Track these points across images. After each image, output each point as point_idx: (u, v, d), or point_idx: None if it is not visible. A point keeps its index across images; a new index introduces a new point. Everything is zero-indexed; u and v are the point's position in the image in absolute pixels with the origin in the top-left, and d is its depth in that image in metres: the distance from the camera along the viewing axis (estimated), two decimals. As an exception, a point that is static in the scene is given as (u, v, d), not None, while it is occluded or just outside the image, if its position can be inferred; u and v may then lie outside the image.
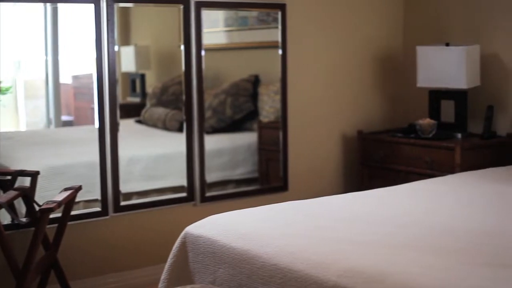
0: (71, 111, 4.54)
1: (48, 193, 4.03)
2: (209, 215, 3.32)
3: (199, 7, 4.54)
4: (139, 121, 4.79)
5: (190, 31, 4.53)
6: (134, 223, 4.45)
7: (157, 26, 4.81)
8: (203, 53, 4.57)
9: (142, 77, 4.76)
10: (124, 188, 4.38)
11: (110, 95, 4.26)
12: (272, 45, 4.94)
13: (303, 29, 5.04)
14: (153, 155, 4.64)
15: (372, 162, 5.11)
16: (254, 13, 4.93)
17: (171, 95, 4.74)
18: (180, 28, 4.53)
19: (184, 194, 4.62)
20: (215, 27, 4.84)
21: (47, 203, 3.51)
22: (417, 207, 3.41)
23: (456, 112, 4.92)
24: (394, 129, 5.26)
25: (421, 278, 2.34)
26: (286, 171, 5.03)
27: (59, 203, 3.55)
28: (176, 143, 4.61)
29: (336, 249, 2.70)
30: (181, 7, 4.49)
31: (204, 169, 4.65)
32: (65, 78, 4.46)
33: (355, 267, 2.49)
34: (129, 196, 4.44)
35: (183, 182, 4.62)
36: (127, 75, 4.67)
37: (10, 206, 3.59)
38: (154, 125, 4.80)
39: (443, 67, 4.83)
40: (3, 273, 3.86)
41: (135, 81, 4.75)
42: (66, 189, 3.82)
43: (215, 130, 4.83)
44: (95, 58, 4.20)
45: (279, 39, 4.91)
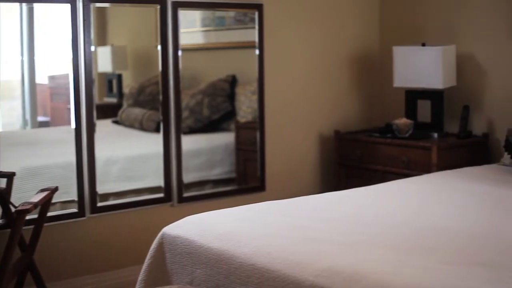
0: (47, 111, 4.52)
1: (24, 194, 4.01)
2: (186, 216, 3.31)
3: (176, 7, 4.53)
4: (116, 122, 4.77)
5: (167, 31, 4.52)
6: (111, 224, 4.43)
7: (134, 26, 4.80)
8: (180, 53, 4.56)
9: (119, 77, 4.74)
10: (101, 189, 4.36)
11: (87, 96, 4.24)
12: (249, 45, 4.94)
13: (280, 29, 5.05)
14: (130, 156, 4.62)
15: (349, 162, 5.12)
16: (231, 13, 4.93)
17: (148, 95, 4.73)
18: (157, 28, 4.52)
19: (161, 195, 4.61)
20: (192, 27, 4.83)
21: (23, 204, 3.48)
22: (394, 207, 3.42)
23: (433, 112, 4.95)
24: (371, 129, 5.28)
25: (398, 277, 2.35)
26: (264, 171, 5.03)
27: (36, 204, 3.52)
28: (153, 143, 4.60)
29: (314, 249, 2.70)
30: (158, 7, 4.48)
31: (181, 169, 4.64)
32: (41, 79, 4.43)
33: (332, 267, 2.49)
34: (106, 197, 4.42)
35: (160, 182, 4.60)
36: (103, 75, 4.65)
37: (-14, 208, 3.57)
38: (131, 125, 4.78)
39: (419, 67, 4.86)
40: (-22, 275, 3.84)
41: (112, 82, 4.73)
42: (42, 190, 3.80)
43: (192, 131, 4.82)
44: (71, 58, 4.18)
45: (256, 39, 4.91)
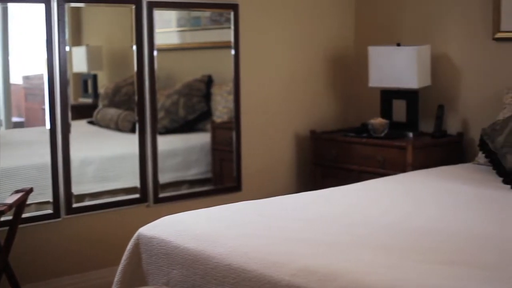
0: (22, 112, 4.49)
1: (-2, 195, 3.99)
2: (162, 216, 3.31)
3: (151, 7, 4.52)
4: (91, 122, 4.74)
5: (142, 31, 4.51)
6: (87, 225, 4.41)
7: (109, 26, 4.78)
8: (155, 53, 4.56)
9: (94, 77, 4.71)
10: (76, 190, 4.34)
11: (62, 96, 4.22)
12: (225, 45, 4.94)
13: (256, 29, 5.05)
14: (105, 156, 4.60)
15: (325, 161, 5.14)
16: (207, 13, 4.92)
17: (123, 95, 4.71)
18: (132, 28, 4.50)
19: (137, 195, 4.60)
20: (167, 27, 4.82)
21: (-2, 205, 3.47)
22: (369, 206, 3.44)
23: (408, 112, 4.97)
24: (346, 129, 5.30)
25: (373, 276, 2.36)
26: (240, 171, 5.03)
27: (10, 206, 3.50)
28: (129, 144, 4.59)
29: (290, 249, 2.71)
30: (133, 7, 4.47)
31: (157, 170, 4.63)
32: (16, 79, 4.40)
33: (308, 267, 2.50)
34: (81, 198, 4.40)
35: (136, 183, 4.59)
36: (79, 75, 4.62)
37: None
38: (106, 126, 4.76)
39: (394, 67, 4.88)
40: (-48, 277, 3.81)
41: (87, 82, 4.70)
42: (17, 191, 3.78)
43: (168, 131, 4.81)
44: (46, 58, 4.16)
45: (232, 39, 4.91)
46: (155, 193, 4.64)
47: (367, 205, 3.45)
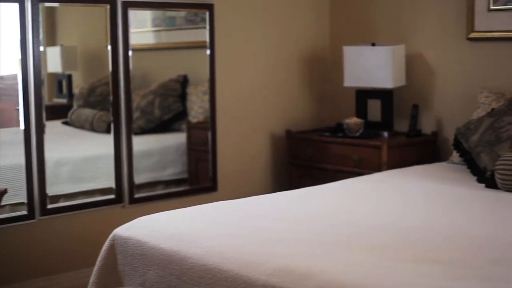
0: (-5, 113, 4.46)
1: (-28, 197, 3.95)
2: (138, 217, 3.30)
3: (126, 7, 4.50)
4: (66, 123, 4.71)
5: (117, 31, 4.50)
6: (62, 226, 4.39)
7: (84, 26, 4.75)
8: (130, 53, 4.54)
9: (69, 77, 4.69)
10: (51, 190, 4.31)
11: (36, 96, 4.19)
12: (200, 45, 4.94)
13: (231, 29, 5.05)
14: (80, 157, 4.58)
15: (301, 161, 5.15)
16: (182, 13, 4.91)
17: (98, 95, 4.69)
18: (107, 28, 4.48)
19: (112, 196, 4.58)
20: (142, 27, 4.80)
21: (-29, 207, 3.44)
22: (345, 205, 3.45)
23: (383, 111, 4.99)
24: (322, 129, 5.31)
25: (349, 275, 2.37)
26: (215, 172, 5.03)
27: (-16, 207, 3.48)
28: (104, 144, 4.57)
29: (266, 248, 2.71)
30: (108, 7, 4.45)
31: (133, 170, 4.62)
32: (-11, 79, 4.37)
33: (284, 266, 2.50)
34: (56, 198, 4.37)
35: (112, 183, 4.57)
36: (53, 75, 4.59)
37: None
38: (81, 126, 4.73)
39: (369, 67, 4.90)
40: None
41: (61, 82, 4.68)
42: (-9, 193, 3.75)
43: (143, 131, 4.80)
44: (19, 58, 4.13)
45: (207, 39, 4.91)
46: (130, 194, 4.62)
47: (343, 205, 3.46)
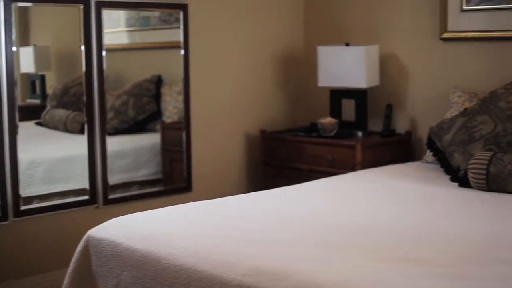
0: (-33, 113, 4.41)
1: None
2: (112, 218, 3.28)
3: (99, 7, 4.48)
4: (39, 123, 4.68)
5: (90, 31, 4.47)
6: (35, 227, 4.36)
7: (57, 26, 4.72)
8: (104, 53, 4.52)
9: (42, 78, 4.66)
10: (24, 192, 4.28)
11: (9, 97, 4.16)
12: (175, 45, 4.93)
13: (205, 29, 5.05)
14: (54, 158, 4.55)
15: (275, 161, 5.15)
16: (156, 13, 4.90)
17: (72, 96, 4.66)
18: (80, 28, 4.46)
19: (86, 197, 4.55)
20: (116, 27, 4.79)
21: None
22: (320, 205, 3.46)
23: (357, 111, 5.01)
24: (296, 128, 5.32)
25: (324, 275, 2.37)
26: (190, 172, 5.02)
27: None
28: (78, 145, 4.54)
29: (241, 249, 2.71)
30: (81, 7, 4.43)
31: (107, 171, 4.60)
32: (-39, 80, 4.33)
33: (259, 266, 2.50)
34: (29, 200, 4.34)
35: (85, 184, 4.55)
36: (26, 76, 4.56)
37: None
38: (55, 127, 4.70)
39: (343, 66, 4.92)
40: None
41: (35, 82, 4.64)
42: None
43: (117, 132, 4.78)
44: (-8, 59, 4.11)
45: (181, 39, 4.90)
46: (104, 195, 4.60)
47: (318, 204, 3.47)
